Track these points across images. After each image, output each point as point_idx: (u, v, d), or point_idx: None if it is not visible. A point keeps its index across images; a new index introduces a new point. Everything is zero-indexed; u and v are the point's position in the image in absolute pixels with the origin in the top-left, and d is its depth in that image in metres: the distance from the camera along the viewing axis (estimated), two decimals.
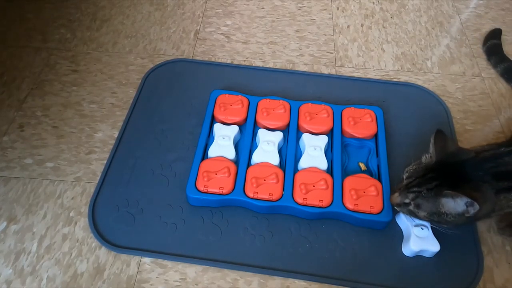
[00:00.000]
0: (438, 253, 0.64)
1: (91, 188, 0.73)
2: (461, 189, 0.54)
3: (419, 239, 0.63)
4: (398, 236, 0.67)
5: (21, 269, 0.64)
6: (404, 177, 0.62)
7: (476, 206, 0.52)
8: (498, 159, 0.57)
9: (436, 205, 0.57)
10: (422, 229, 0.64)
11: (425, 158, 0.61)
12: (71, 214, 0.70)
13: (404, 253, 0.65)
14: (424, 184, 0.58)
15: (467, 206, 0.54)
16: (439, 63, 0.95)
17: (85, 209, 0.70)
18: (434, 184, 0.57)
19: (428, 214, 0.58)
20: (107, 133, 0.81)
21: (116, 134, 0.80)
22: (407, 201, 0.60)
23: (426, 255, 0.64)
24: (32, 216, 0.69)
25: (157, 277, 0.63)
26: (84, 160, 0.77)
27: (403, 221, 0.67)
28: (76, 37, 0.99)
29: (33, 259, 0.65)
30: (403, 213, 0.63)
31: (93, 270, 0.64)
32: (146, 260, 0.65)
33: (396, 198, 0.61)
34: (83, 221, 0.69)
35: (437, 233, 0.64)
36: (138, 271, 0.64)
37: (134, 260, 0.65)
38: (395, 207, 0.63)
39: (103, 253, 0.65)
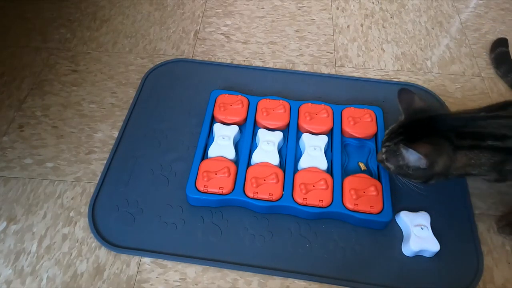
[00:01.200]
0: (438, 253, 0.64)
1: (91, 188, 0.73)
2: (417, 143, 0.56)
3: (419, 239, 0.63)
4: (398, 236, 0.67)
5: (21, 269, 0.64)
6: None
7: (426, 159, 0.56)
8: (470, 121, 0.58)
9: (398, 158, 0.61)
10: (422, 229, 0.64)
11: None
12: (71, 214, 0.70)
13: (404, 253, 0.65)
14: (392, 139, 0.63)
15: (420, 159, 0.56)
16: (439, 63, 0.95)
17: (85, 209, 0.70)
18: (399, 139, 0.61)
19: (394, 167, 0.62)
20: (107, 133, 0.81)
21: (116, 134, 0.80)
22: (383, 155, 0.64)
23: (426, 255, 0.64)
24: (32, 216, 0.69)
25: (157, 277, 0.63)
26: (84, 160, 0.77)
27: (403, 221, 0.67)
28: (76, 37, 0.99)
29: (33, 259, 0.65)
30: (386, 169, 0.65)
31: (93, 270, 0.64)
32: (146, 260, 0.65)
33: (380, 153, 0.66)
34: (83, 221, 0.69)
35: (437, 233, 0.64)
36: (138, 271, 0.64)
37: (134, 260, 0.65)
38: (381, 165, 0.67)
39: (103, 253, 0.65)
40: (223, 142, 0.74)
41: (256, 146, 0.75)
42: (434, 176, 0.60)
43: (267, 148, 0.74)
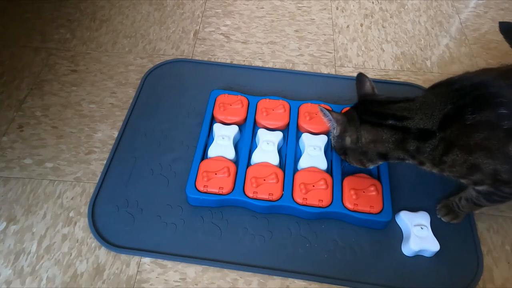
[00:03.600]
0: (438, 253, 0.64)
1: (90, 188, 0.73)
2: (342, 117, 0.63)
3: (418, 239, 0.63)
4: (397, 236, 0.67)
5: (20, 269, 0.64)
6: None
7: (337, 124, 0.63)
8: (383, 104, 0.62)
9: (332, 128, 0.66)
10: (422, 228, 0.64)
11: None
12: (70, 214, 0.70)
13: (404, 252, 0.65)
14: None
15: (334, 126, 0.64)
16: (439, 62, 0.95)
17: (84, 209, 0.70)
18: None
19: (333, 142, 0.67)
20: (106, 133, 0.81)
21: (115, 134, 0.80)
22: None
23: (426, 254, 0.64)
24: (31, 216, 0.69)
25: (157, 277, 0.63)
26: (83, 160, 0.77)
27: (403, 220, 0.67)
28: (75, 37, 0.99)
29: (32, 259, 0.65)
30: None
31: (92, 270, 0.64)
32: (146, 260, 0.65)
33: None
34: (83, 221, 0.69)
35: (437, 233, 0.64)
36: (138, 271, 0.64)
37: (134, 260, 0.65)
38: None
39: (103, 253, 0.65)
40: (223, 142, 0.74)
41: (256, 146, 0.75)
42: (349, 151, 0.64)
43: (267, 148, 0.74)
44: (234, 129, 0.77)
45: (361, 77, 0.69)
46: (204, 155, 0.74)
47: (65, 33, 1.00)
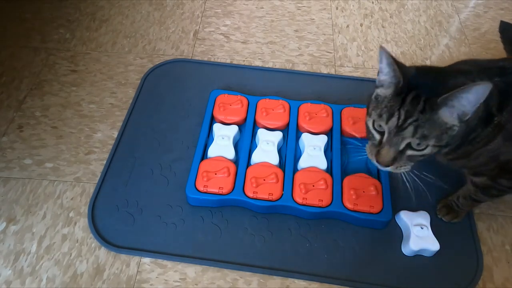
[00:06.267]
0: (437, 253, 0.64)
1: (90, 189, 0.73)
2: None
3: (418, 239, 0.63)
4: (397, 236, 0.67)
5: (20, 270, 0.64)
6: (375, 127, 0.51)
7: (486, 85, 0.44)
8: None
9: (438, 122, 0.47)
10: (422, 228, 0.64)
11: (380, 92, 0.52)
12: (70, 215, 0.70)
13: (404, 252, 0.65)
14: (413, 108, 0.48)
15: (479, 95, 0.45)
16: (439, 62, 0.95)
17: (84, 210, 0.70)
18: (423, 101, 0.48)
19: (436, 139, 0.48)
20: (106, 133, 0.81)
21: (115, 134, 0.80)
22: (403, 145, 0.49)
23: (426, 254, 0.64)
24: (31, 216, 0.69)
25: (157, 277, 0.63)
26: (83, 161, 0.77)
27: (403, 220, 0.67)
28: (75, 37, 0.99)
29: (32, 259, 0.65)
30: (397, 169, 0.52)
31: (92, 270, 0.64)
32: (146, 260, 0.65)
33: (388, 152, 0.50)
34: (83, 221, 0.69)
35: (436, 233, 0.64)
36: (138, 271, 0.64)
37: (133, 260, 0.65)
38: (384, 168, 0.52)
39: (103, 253, 0.65)
40: (222, 142, 0.74)
41: (256, 146, 0.75)
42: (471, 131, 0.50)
43: (266, 148, 0.74)
44: (234, 129, 0.77)
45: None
46: (204, 155, 0.74)
47: (65, 33, 1.00)
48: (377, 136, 0.52)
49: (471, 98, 0.45)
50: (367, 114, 0.54)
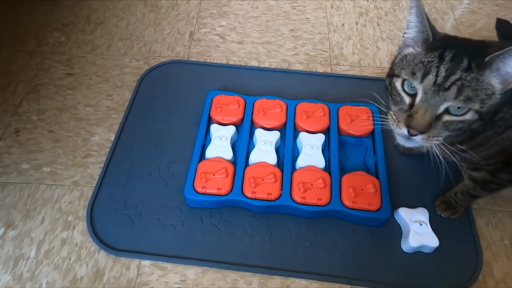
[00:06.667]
0: (437, 249, 0.64)
1: (88, 192, 0.72)
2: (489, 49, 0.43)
3: (418, 235, 0.64)
4: (397, 233, 0.67)
5: (20, 275, 0.63)
6: (405, 89, 0.46)
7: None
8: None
9: (484, 83, 0.42)
10: (421, 225, 0.65)
11: (408, 52, 0.48)
12: (69, 219, 0.69)
13: (404, 249, 0.65)
14: (455, 66, 0.43)
15: None
16: None
17: (83, 213, 0.70)
18: (467, 59, 0.43)
19: (481, 103, 0.43)
20: (103, 136, 0.80)
21: (112, 137, 0.80)
22: (442, 108, 0.44)
23: (426, 251, 0.65)
24: (30, 221, 0.69)
25: (157, 280, 0.63)
26: (81, 164, 0.76)
27: (402, 217, 0.67)
28: (70, 40, 0.99)
29: (32, 264, 0.64)
30: (429, 140, 0.45)
31: (92, 274, 0.64)
32: (146, 262, 0.65)
33: (424, 116, 0.44)
34: (82, 225, 0.68)
35: (436, 229, 0.65)
36: (138, 274, 0.64)
37: (133, 263, 0.65)
38: (416, 137, 0.45)
39: (102, 257, 0.65)
40: (220, 142, 0.74)
41: (254, 146, 0.75)
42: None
43: (264, 147, 0.74)
44: (231, 129, 0.77)
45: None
46: (202, 156, 0.74)
47: (60, 37, 0.99)
48: (407, 100, 0.46)
49: None
50: (390, 76, 0.48)
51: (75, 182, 0.74)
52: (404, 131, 0.46)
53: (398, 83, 0.47)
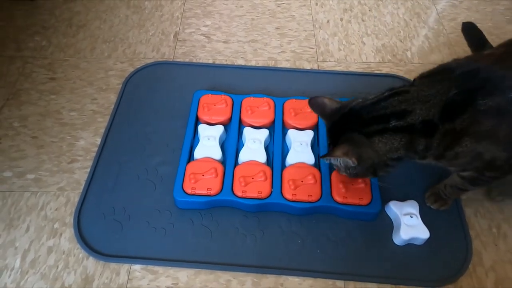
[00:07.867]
0: (428, 240, 0.64)
1: (75, 198, 0.71)
2: (334, 148, 0.57)
3: (408, 228, 0.64)
4: (388, 226, 0.67)
5: (4, 287, 0.61)
6: None
7: (350, 158, 0.54)
8: (374, 105, 0.55)
9: (337, 163, 0.60)
10: (412, 217, 0.65)
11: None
12: (55, 226, 0.67)
13: (395, 242, 0.66)
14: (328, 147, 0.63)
15: (346, 160, 0.55)
16: (419, 53, 0.96)
17: (70, 220, 0.68)
18: (330, 147, 0.60)
19: (343, 170, 0.61)
20: (89, 141, 0.79)
21: (98, 141, 0.78)
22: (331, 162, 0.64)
23: (417, 242, 0.65)
24: (13, 230, 0.67)
25: (148, 284, 0.62)
26: (66, 170, 0.74)
27: (392, 210, 0.67)
28: (52, 44, 0.96)
29: (16, 275, 0.62)
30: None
31: (81, 281, 0.62)
32: (136, 267, 0.63)
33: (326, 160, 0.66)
34: (69, 232, 0.67)
35: (426, 221, 0.65)
36: (128, 279, 0.62)
37: (123, 268, 0.63)
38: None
39: (91, 263, 0.64)
40: (208, 142, 0.73)
41: (243, 145, 0.75)
42: (377, 167, 0.57)
43: (253, 146, 0.73)
44: (220, 129, 0.76)
45: (314, 100, 0.62)
46: (190, 157, 0.73)
47: (41, 41, 0.97)
48: None
49: (340, 161, 0.59)
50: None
51: (61, 188, 0.72)
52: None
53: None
